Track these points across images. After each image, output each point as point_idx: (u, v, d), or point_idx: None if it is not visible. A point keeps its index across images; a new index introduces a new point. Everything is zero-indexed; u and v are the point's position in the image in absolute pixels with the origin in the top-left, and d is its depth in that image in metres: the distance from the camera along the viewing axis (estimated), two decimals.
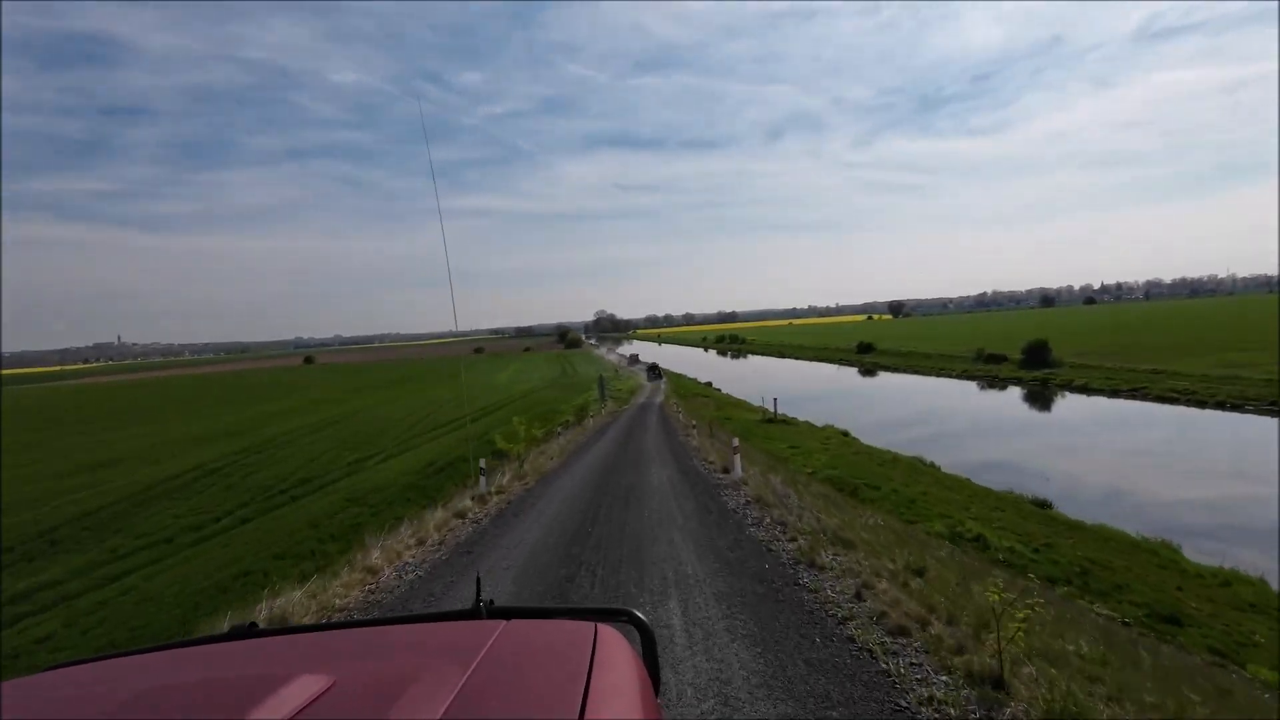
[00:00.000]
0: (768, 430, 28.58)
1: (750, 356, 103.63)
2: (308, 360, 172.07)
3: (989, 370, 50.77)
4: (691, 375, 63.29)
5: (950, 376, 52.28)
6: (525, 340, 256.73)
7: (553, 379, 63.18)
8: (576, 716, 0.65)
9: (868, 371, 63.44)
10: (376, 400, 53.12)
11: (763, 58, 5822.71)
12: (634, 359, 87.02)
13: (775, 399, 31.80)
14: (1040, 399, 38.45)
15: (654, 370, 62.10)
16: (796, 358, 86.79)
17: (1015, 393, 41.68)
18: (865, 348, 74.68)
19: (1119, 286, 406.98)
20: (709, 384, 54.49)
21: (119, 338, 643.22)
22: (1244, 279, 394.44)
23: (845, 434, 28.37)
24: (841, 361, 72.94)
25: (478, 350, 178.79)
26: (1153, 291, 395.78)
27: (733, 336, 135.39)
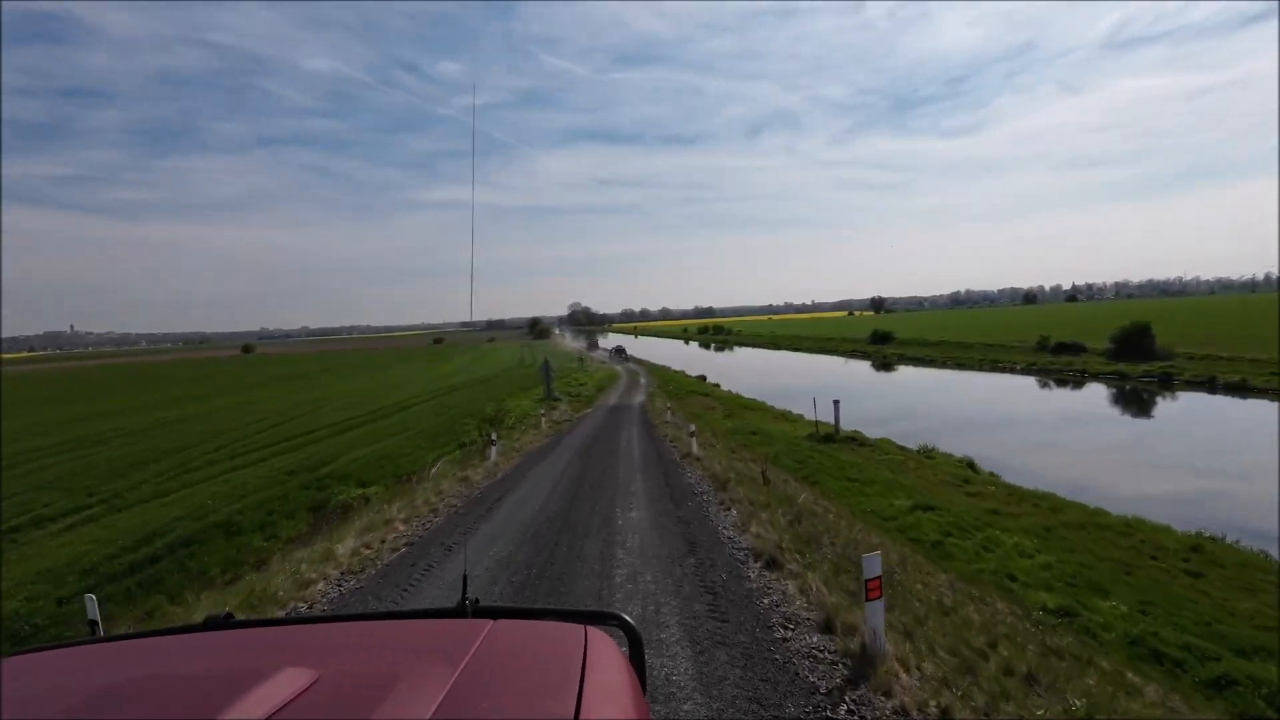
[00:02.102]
0: (839, 460, 15.84)
1: (736, 348, 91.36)
2: (246, 350, 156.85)
3: (1066, 363, 39.07)
4: (679, 368, 50.50)
5: (1010, 371, 40.46)
6: (493, 332, 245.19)
7: (503, 370, 49.75)
8: (571, 718, 0.63)
9: (884, 365, 51.51)
10: (252, 398, 39.05)
11: (743, 54, 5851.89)
12: (593, 345, 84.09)
13: (837, 403, 19.12)
14: (1180, 400, 26.64)
15: (620, 353, 57.11)
16: (795, 349, 74.69)
17: (1132, 393, 29.84)
18: (882, 337, 62.84)
19: (1089, 287, 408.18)
20: (703, 378, 41.72)
21: (71, 327, 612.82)
22: (1206, 281, 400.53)
23: (971, 466, 15.92)
24: (851, 353, 60.96)
25: (437, 341, 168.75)
26: (1122, 292, 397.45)
27: (716, 327, 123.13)
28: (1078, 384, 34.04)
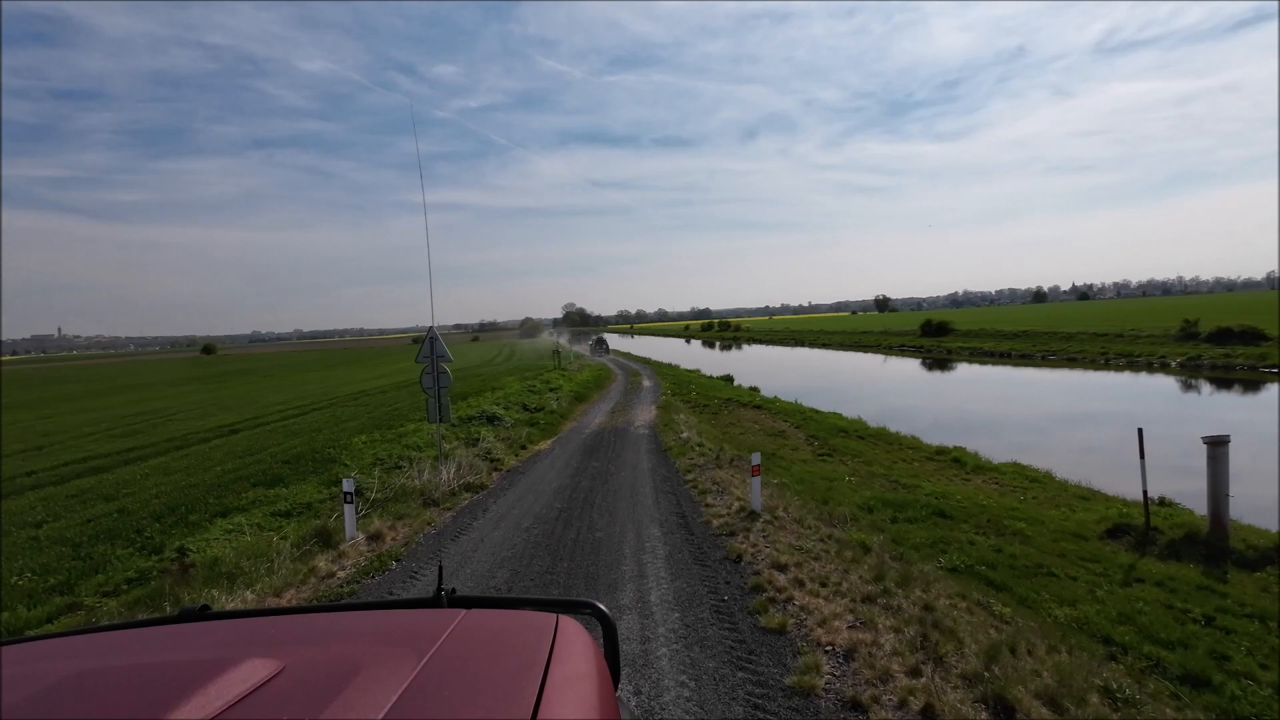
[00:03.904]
0: None
1: (751, 346, 79.35)
2: (206, 351, 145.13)
3: (1257, 356, 27.28)
4: (690, 366, 38.51)
5: (1157, 369, 28.64)
6: (479, 332, 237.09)
7: (452, 371, 37.69)
8: (531, 708, 0.62)
9: (940, 362, 39.63)
10: (85, 406, 26.97)
11: (737, 58, 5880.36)
12: (576, 339, 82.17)
13: (1222, 443, 7.01)
14: None
15: (600, 345, 55.39)
16: (823, 345, 62.74)
17: None
18: (937, 328, 50.97)
19: (1089, 287, 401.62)
20: (729, 379, 29.65)
21: (59, 330, 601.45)
22: (1205, 281, 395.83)
23: None
24: (900, 349, 49.02)
25: (416, 341, 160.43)
26: (1124, 292, 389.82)
27: (722, 323, 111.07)
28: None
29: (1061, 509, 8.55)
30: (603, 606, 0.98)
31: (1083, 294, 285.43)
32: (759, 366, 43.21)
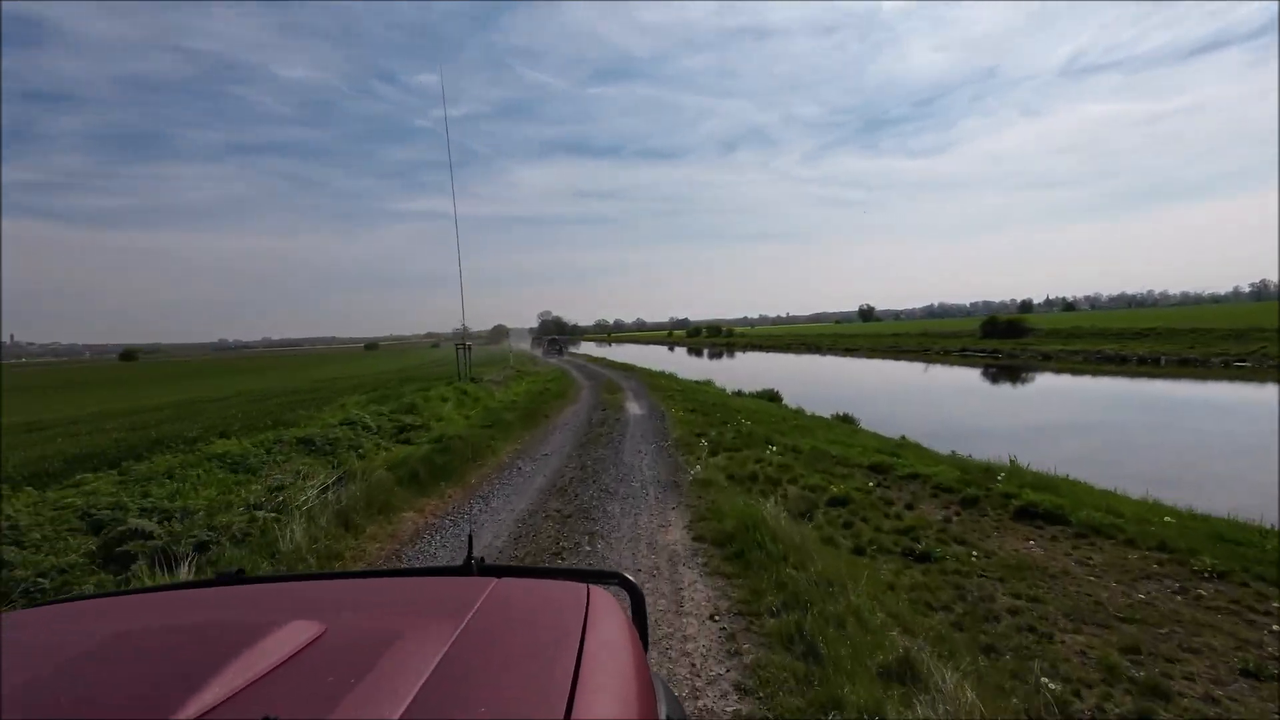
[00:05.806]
0: None
1: (753, 354, 67.49)
2: (124, 357, 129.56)
3: None
4: (694, 376, 26.28)
5: None
6: (438, 338, 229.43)
7: (332, 378, 25.20)
8: (571, 675, 0.63)
9: (1008, 371, 28.21)
10: None
11: (720, 72, 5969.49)
12: (538, 343, 76.61)
13: None
14: None
15: (554, 345, 52.41)
16: (846, 352, 51.12)
17: None
18: (1007, 328, 39.56)
19: (1061, 300, 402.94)
20: (774, 396, 17.35)
21: (11, 337, 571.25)
22: (1173, 295, 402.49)
23: None
24: (959, 355, 37.53)
25: (369, 348, 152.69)
26: (1096, 305, 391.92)
27: (713, 329, 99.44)
28: None
29: None
30: (630, 578, 0.98)
31: (1068, 305, 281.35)
32: (791, 379, 30.99)
